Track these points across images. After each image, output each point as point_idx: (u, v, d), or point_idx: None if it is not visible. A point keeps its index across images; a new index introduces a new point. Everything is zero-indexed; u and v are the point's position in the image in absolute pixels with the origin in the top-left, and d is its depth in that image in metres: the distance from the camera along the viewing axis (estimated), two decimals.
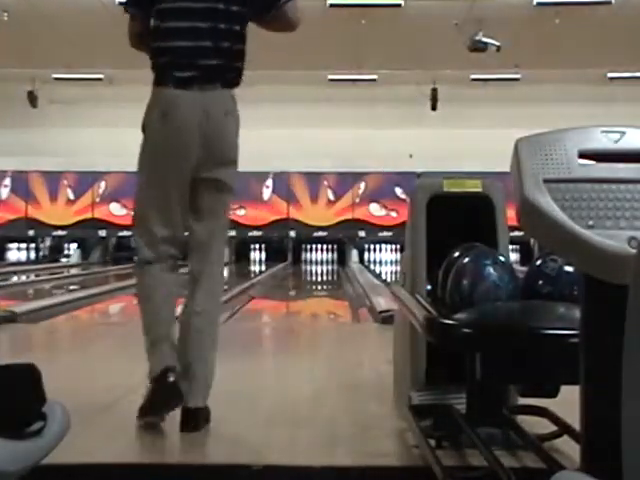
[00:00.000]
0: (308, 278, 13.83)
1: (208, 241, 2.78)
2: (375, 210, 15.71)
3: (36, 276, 12.77)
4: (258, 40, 3.53)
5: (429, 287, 2.54)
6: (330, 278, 13.80)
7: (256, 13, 2.81)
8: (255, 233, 15.80)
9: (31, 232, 15.91)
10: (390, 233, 15.38)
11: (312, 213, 15.74)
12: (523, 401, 2.48)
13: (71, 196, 15.90)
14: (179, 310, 2.85)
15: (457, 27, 11.93)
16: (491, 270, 2.07)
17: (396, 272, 13.50)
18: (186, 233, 2.84)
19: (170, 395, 2.62)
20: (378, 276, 12.18)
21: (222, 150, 2.72)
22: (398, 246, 15.23)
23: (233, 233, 15.71)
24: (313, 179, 15.75)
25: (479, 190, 2.64)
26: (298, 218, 15.72)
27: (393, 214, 15.49)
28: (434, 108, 15.77)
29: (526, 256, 12.84)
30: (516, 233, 2.56)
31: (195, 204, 2.77)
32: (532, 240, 12.72)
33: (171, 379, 2.62)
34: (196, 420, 2.62)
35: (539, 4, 11.23)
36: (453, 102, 15.52)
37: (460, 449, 2.34)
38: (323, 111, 15.98)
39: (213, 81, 2.67)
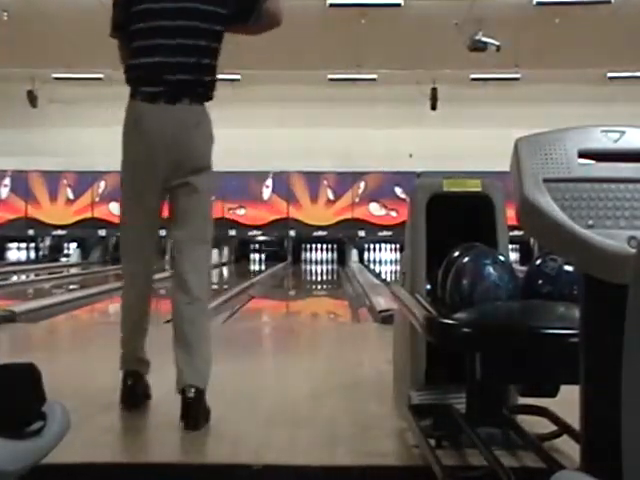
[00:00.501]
0: (308, 278, 13.83)
1: (188, 242, 2.85)
2: (375, 210, 15.72)
3: (36, 276, 12.77)
4: (258, 40, 3.53)
5: (429, 287, 2.55)
6: (330, 278, 13.80)
7: (237, 23, 2.92)
8: (255, 233, 15.82)
9: (31, 232, 15.91)
10: (390, 233, 15.39)
11: (312, 213, 15.74)
12: (523, 401, 2.48)
13: (71, 196, 15.90)
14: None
15: (457, 27, 11.94)
16: (491, 270, 2.07)
17: (396, 272, 13.51)
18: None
19: (128, 397, 2.93)
20: (378, 276, 12.18)
21: (191, 160, 2.81)
22: (398, 246, 15.24)
23: (233, 233, 15.73)
24: (313, 179, 15.75)
25: (479, 190, 2.64)
26: (298, 218, 15.72)
27: (393, 214, 15.49)
28: (434, 108, 15.77)
29: (526, 256, 12.84)
30: (516, 233, 2.57)
31: (172, 211, 2.89)
32: (532, 240, 12.72)
33: (129, 382, 2.95)
34: (196, 415, 2.69)
35: (539, 4, 11.24)
36: (453, 102, 15.52)
37: (460, 449, 2.34)
38: (323, 111, 15.98)
39: (181, 96, 2.78)
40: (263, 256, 16.13)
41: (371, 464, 2.30)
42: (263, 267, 14.74)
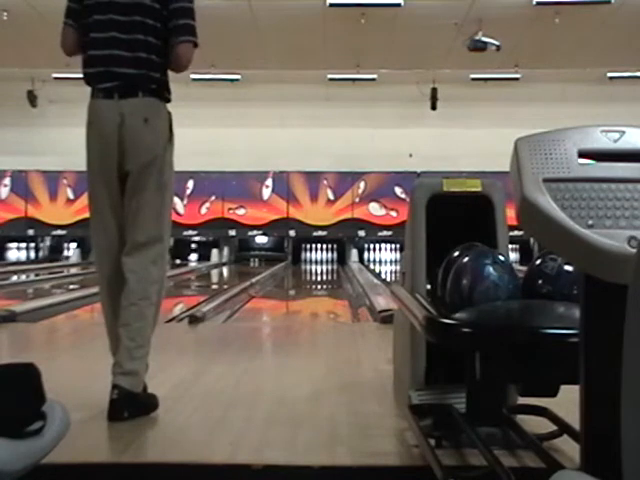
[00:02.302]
0: (308, 278, 13.83)
1: (135, 242, 2.90)
2: (375, 210, 15.72)
3: (36, 275, 12.77)
4: (258, 40, 3.54)
5: (429, 287, 2.54)
6: (330, 277, 13.80)
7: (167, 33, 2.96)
8: (255, 232, 15.82)
9: (31, 231, 15.91)
10: (390, 232, 15.39)
11: (312, 213, 15.74)
12: (523, 401, 2.48)
13: (71, 195, 15.89)
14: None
15: (457, 27, 11.93)
16: (491, 270, 2.07)
17: (396, 271, 13.52)
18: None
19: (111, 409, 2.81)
20: (378, 275, 12.18)
21: (139, 153, 2.87)
22: (398, 245, 15.25)
23: (233, 233, 15.74)
24: (313, 179, 15.76)
25: (479, 190, 2.64)
26: (298, 218, 15.72)
27: (393, 214, 15.49)
28: (434, 108, 15.77)
29: (526, 256, 12.85)
30: (516, 233, 2.57)
31: (123, 198, 2.95)
32: (532, 240, 12.74)
33: (114, 396, 2.82)
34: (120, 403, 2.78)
35: (539, 4, 11.22)
36: (453, 102, 15.52)
37: (460, 449, 2.34)
38: (323, 111, 15.98)
39: (133, 89, 2.89)
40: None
41: (371, 464, 2.30)
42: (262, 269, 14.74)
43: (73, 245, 16.22)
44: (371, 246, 16.11)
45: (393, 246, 15.75)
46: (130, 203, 2.90)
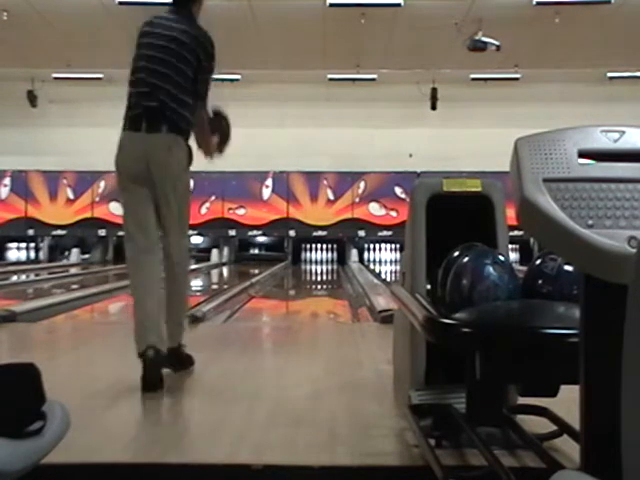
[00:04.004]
0: (308, 278, 13.83)
1: (171, 240, 3.67)
2: (375, 209, 15.72)
3: (36, 275, 12.77)
4: (258, 40, 3.54)
5: (429, 287, 2.54)
6: (330, 277, 13.80)
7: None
8: (255, 232, 15.82)
9: (31, 232, 15.90)
10: (390, 232, 15.39)
11: (312, 212, 15.74)
12: (523, 401, 2.48)
13: (71, 195, 15.90)
14: None
15: (457, 27, 11.93)
16: (491, 270, 2.07)
17: (396, 271, 13.52)
18: None
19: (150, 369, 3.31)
20: (378, 275, 12.18)
21: (166, 178, 3.57)
22: (398, 245, 15.24)
23: (233, 233, 15.73)
24: (313, 178, 15.75)
25: (479, 190, 2.64)
26: (298, 217, 15.72)
27: (393, 214, 15.49)
28: (434, 108, 15.77)
29: (526, 256, 12.85)
30: (516, 233, 2.57)
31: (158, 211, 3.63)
32: (532, 240, 12.74)
33: (149, 355, 3.33)
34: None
35: (539, 3, 11.22)
36: (453, 102, 15.52)
37: (460, 449, 2.34)
38: (323, 111, 15.98)
39: (159, 125, 3.52)
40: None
41: (371, 464, 2.30)
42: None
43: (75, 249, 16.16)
44: (371, 246, 16.10)
45: (393, 246, 15.75)
46: (163, 207, 3.62)
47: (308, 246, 16.14)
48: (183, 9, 3.68)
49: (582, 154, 1.40)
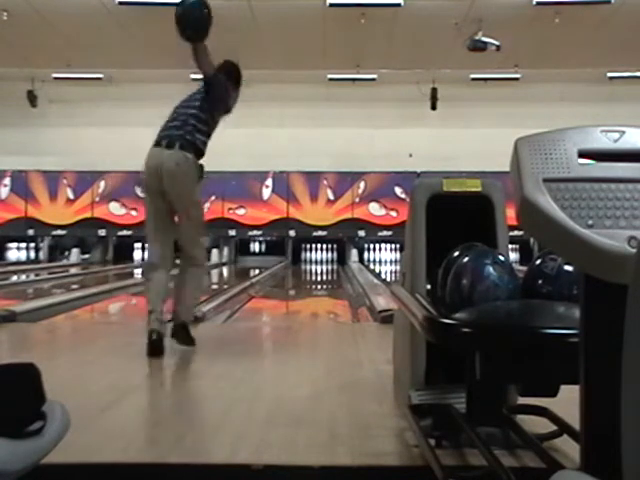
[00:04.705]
0: (308, 278, 13.83)
1: (185, 238, 4.47)
2: (375, 209, 15.72)
3: (36, 275, 12.77)
4: (258, 40, 3.54)
5: (429, 287, 2.54)
6: (330, 277, 13.80)
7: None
8: (255, 232, 15.83)
9: (31, 232, 15.90)
10: (390, 232, 15.39)
11: (312, 212, 15.74)
12: (523, 401, 2.48)
13: (71, 195, 15.90)
14: None
15: (457, 27, 11.93)
16: (491, 270, 2.07)
17: (396, 271, 13.52)
18: None
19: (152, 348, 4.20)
20: (378, 275, 12.18)
21: (174, 186, 4.34)
22: (398, 245, 15.25)
23: (233, 233, 15.73)
24: (313, 178, 15.75)
25: (479, 190, 2.64)
26: (298, 217, 15.72)
27: (393, 214, 15.49)
28: (434, 108, 15.77)
29: (526, 256, 12.85)
30: (516, 233, 2.57)
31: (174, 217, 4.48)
32: (532, 240, 12.74)
33: (153, 337, 4.19)
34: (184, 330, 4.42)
35: (539, 4, 11.22)
36: (453, 102, 15.52)
37: (460, 449, 2.34)
38: (323, 111, 15.98)
39: (174, 143, 4.37)
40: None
41: (371, 464, 2.30)
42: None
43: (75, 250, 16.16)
44: (371, 246, 16.10)
45: (393, 246, 15.75)
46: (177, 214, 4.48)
47: (308, 246, 16.14)
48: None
49: (582, 154, 1.40)
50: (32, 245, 16.42)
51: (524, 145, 1.41)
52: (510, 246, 2.71)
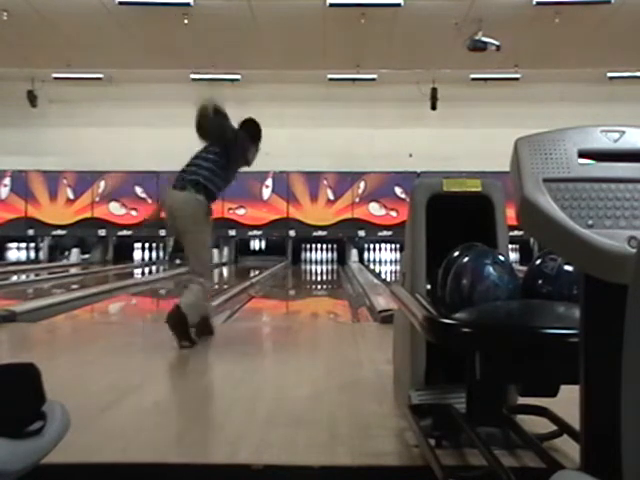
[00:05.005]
0: (308, 278, 13.83)
1: (188, 252, 5.01)
2: (375, 210, 15.71)
3: (36, 275, 12.77)
4: (258, 40, 3.54)
5: (429, 287, 2.54)
6: (330, 277, 13.80)
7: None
8: (255, 232, 15.82)
9: (31, 232, 15.90)
10: (390, 232, 15.39)
11: (312, 212, 15.74)
12: (523, 401, 2.48)
13: (71, 195, 15.89)
14: None
15: (457, 27, 11.93)
16: (491, 270, 2.07)
17: (396, 271, 13.52)
18: None
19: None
20: (378, 275, 12.18)
21: (180, 218, 4.85)
22: (398, 245, 15.24)
23: (233, 233, 15.73)
24: (313, 178, 15.75)
25: (479, 190, 2.64)
26: (298, 218, 15.72)
27: (393, 214, 15.49)
28: (434, 108, 15.77)
29: (526, 256, 12.85)
30: (516, 233, 2.57)
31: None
32: (532, 240, 12.74)
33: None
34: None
35: (539, 4, 11.22)
36: (453, 102, 15.52)
37: (460, 449, 2.34)
38: (323, 111, 15.98)
39: (187, 185, 4.87)
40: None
41: (371, 464, 2.30)
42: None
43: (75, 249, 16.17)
44: (371, 246, 16.10)
45: (393, 246, 15.75)
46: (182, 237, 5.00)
47: (308, 246, 16.13)
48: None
49: (582, 154, 1.40)
50: (32, 245, 16.42)
51: (524, 145, 1.41)
52: (510, 246, 2.71)
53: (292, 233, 15.72)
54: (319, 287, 12.63)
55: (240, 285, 9.89)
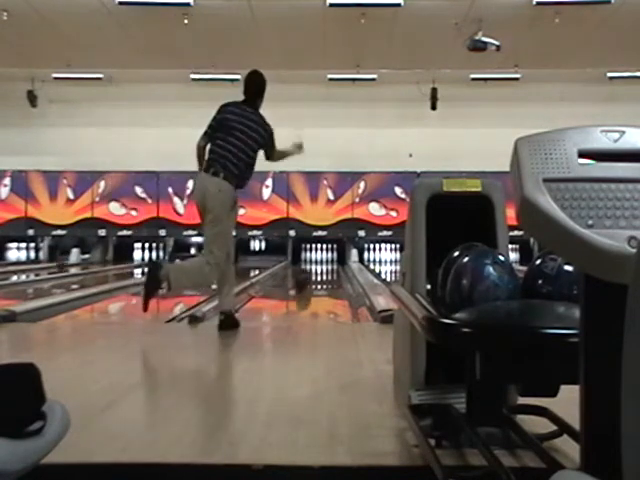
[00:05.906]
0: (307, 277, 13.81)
1: (206, 238, 5.33)
2: (375, 209, 15.72)
3: (36, 276, 12.77)
4: (258, 40, 3.54)
5: (429, 287, 2.54)
6: (330, 277, 13.80)
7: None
8: (255, 232, 15.82)
9: (31, 232, 15.90)
10: (390, 232, 15.39)
11: (312, 212, 15.74)
12: (523, 401, 2.48)
13: (71, 195, 15.89)
14: None
15: (457, 27, 11.93)
16: (491, 270, 2.07)
17: (396, 272, 13.51)
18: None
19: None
20: (378, 275, 12.18)
21: (213, 207, 5.20)
22: (398, 245, 15.24)
23: (233, 233, 15.71)
24: (313, 178, 15.75)
25: (479, 190, 2.64)
26: (298, 217, 15.72)
27: (393, 213, 15.49)
28: (434, 108, 15.77)
29: (526, 256, 12.85)
30: (516, 233, 2.57)
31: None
32: (532, 240, 12.74)
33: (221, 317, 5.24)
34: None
35: (539, 4, 11.22)
36: (453, 102, 15.52)
37: (460, 449, 2.34)
38: (323, 110, 15.97)
39: (219, 172, 5.23)
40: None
41: (371, 464, 2.30)
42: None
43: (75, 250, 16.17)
44: (371, 246, 16.10)
45: (393, 246, 15.75)
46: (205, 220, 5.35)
47: (308, 246, 16.13)
48: (252, 104, 5.85)
49: (582, 154, 1.40)
50: (32, 245, 16.41)
51: (524, 145, 1.41)
52: (510, 246, 2.71)
53: (292, 233, 15.72)
54: (319, 287, 12.63)
55: (240, 285, 9.88)
